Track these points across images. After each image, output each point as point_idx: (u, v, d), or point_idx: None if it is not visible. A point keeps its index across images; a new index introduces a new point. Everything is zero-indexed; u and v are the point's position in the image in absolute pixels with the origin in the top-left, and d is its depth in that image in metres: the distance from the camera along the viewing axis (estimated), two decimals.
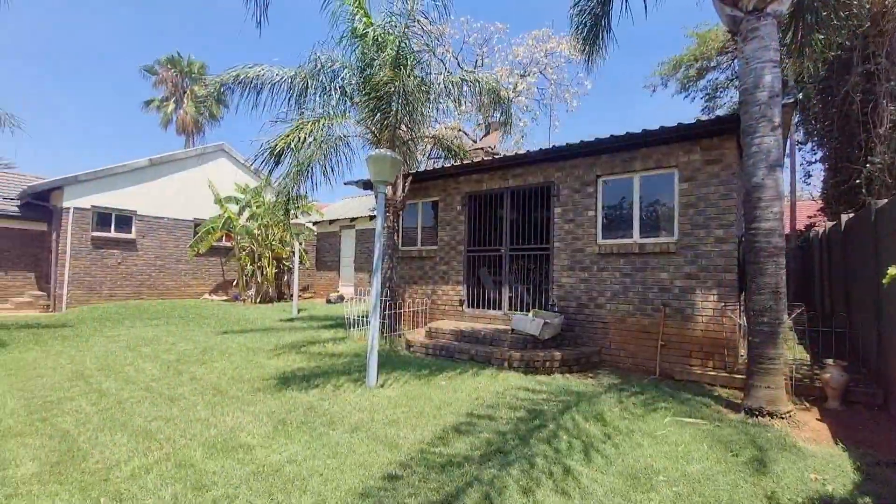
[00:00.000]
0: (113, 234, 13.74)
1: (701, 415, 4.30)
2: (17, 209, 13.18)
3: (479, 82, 8.63)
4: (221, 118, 30.65)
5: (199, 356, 6.71)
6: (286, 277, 16.78)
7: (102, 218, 13.54)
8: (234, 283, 16.32)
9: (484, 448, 3.39)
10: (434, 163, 10.37)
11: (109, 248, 13.66)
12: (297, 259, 13.20)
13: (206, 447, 3.42)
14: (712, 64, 17.11)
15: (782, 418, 4.13)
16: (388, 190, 7.42)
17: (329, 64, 7.92)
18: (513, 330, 6.70)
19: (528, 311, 7.59)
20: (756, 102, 4.43)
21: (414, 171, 8.59)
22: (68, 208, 12.68)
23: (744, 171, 4.59)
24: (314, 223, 18.50)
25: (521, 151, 8.03)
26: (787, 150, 7.61)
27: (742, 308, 5.80)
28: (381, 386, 5.14)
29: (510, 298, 7.98)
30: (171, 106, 28.94)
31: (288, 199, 8.69)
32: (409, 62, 7.09)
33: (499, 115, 9.94)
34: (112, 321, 10.58)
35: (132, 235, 14.16)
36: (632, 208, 6.60)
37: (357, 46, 7.38)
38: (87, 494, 2.75)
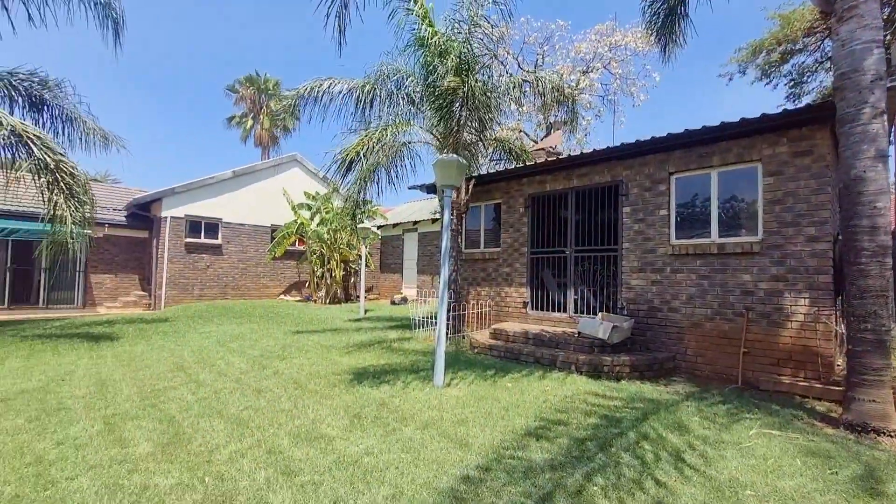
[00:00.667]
0: (202, 240, 15.14)
1: (792, 428, 3.98)
2: (124, 219, 14.93)
3: (540, 81, 8.55)
4: (294, 130, 32.68)
5: (279, 352, 7.23)
6: (353, 279, 17.56)
7: (194, 226, 14.98)
8: (307, 285, 17.31)
9: (563, 455, 3.36)
10: (495, 165, 10.39)
11: (199, 252, 15.06)
12: (363, 262, 13.77)
13: (291, 436, 3.71)
14: (797, 47, 15.63)
15: (891, 436, 3.71)
16: (453, 193, 7.56)
17: (394, 73, 8.23)
18: (579, 333, 6.56)
19: (593, 314, 7.39)
20: (855, 87, 4.03)
21: (476, 175, 8.67)
22: (166, 217, 14.17)
23: (841, 164, 4.19)
24: (378, 227, 19.17)
25: (587, 150, 7.85)
26: (893, 138, 6.79)
27: (839, 313, 5.27)
28: (448, 385, 5.26)
29: (575, 301, 7.81)
30: (250, 122, 31.32)
31: (355, 205, 9.13)
32: (471, 67, 7.20)
33: (562, 114, 9.78)
34: (203, 319, 11.65)
35: (219, 241, 15.51)
36: (709, 206, 6.22)
37: (421, 54, 7.60)
38: (194, 473, 3.09)
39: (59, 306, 13.97)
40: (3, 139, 7.08)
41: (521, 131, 18.44)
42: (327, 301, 16.06)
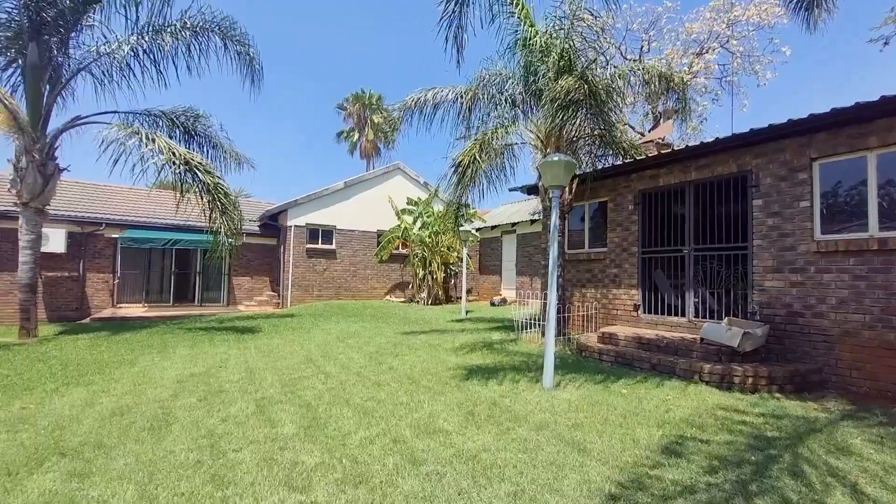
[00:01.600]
0: (320, 245, 16.71)
1: None
2: (257, 228, 17.05)
3: (648, 70, 8.04)
4: (394, 140, 34.56)
5: (392, 349, 7.72)
6: (453, 281, 18.02)
7: (313, 233, 16.60)
8: (409, 286, 18.18)
9: (704, 474, 3.11)
10: (597, 161, 9.98)
11: (317, 257, 16.64)
12: (465, 264, 14.08)
13: (412, 428, 3.96)
14: None
15: None
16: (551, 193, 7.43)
17: (495, 77, 8.34)
18: (702, 339, 6.03)
19: (716, 318, 6.73)
20: None
21: (580, 173, 8.42)
22: (290, 226, 15.91)
23: None
24: (477, 229, 19.45)
25: (707, 139, 7.18)
26: None
27: None
28: (557, 388, 5.18)
29: (695, 304, 7.19)
30: (356, 135, 33.82)
31: (458, 208, 9.39)
32: (573, 63, 7.02)
33: (672, 102, 9.08)
34: (322, 317, 12.85)
35: (333, 246, 16.99)
36: (865, 195, 5.33)
37: (522, 55, 7.59)
38: (332, 454, 3.46)
39: (210, 304, 16.40)
40: (177, 166, 8.54)
41: (625, 124, 17.42)
42: (429, 302, 16.68)
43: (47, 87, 8.67)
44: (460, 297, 18.41)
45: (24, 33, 8.30)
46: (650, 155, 7.97)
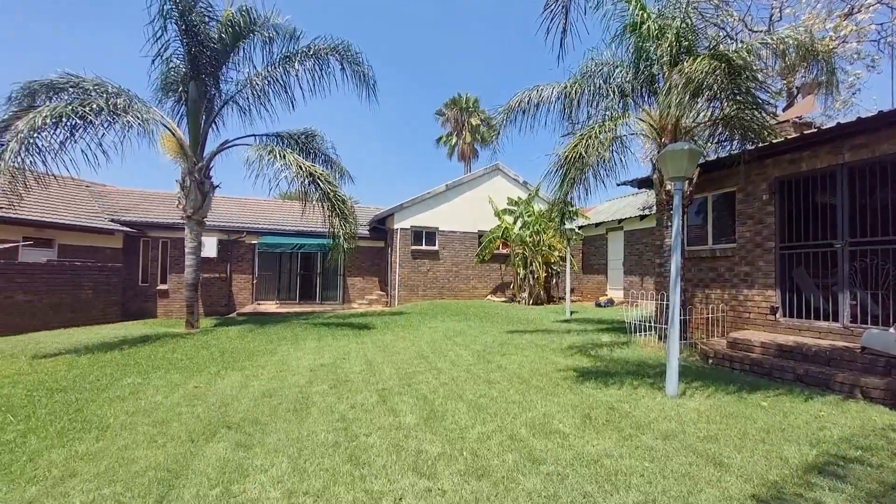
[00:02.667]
0: (424, 247, 17.45)
1: None
2: (367, 232, 18.34)
3: (781, 41, 7.07)
4: (493, 141, 34.70)
5: (498, 348, 7.80)
6: (555, 281, 17.57)
7: (417, 235, 17.40)
8: (510, 286, 18.13)
9: None
10: (720, 148, 9.01)
11: (422, 258, 17.39)
12: (568, 263, 13.67)
13: (527, 427, 3.98)
14: None
15: None
16: (673, 185, 6.88)
17: (599, 67, 7.99)
18: (864, 348, 5.15)
19: (880, 324, 5.68)
20: None
21: (701, 162, 7.69)
22: (397, 229, 16.86)
23: None
24: (579, 227, 18.74)
25: (865, 114, 6.09)
26: None
27: None
28: (682, 395, 4.81)
29: (851, 307, 6.15)
30: (454, 139, 34.64)
31: (564, 205, 9.15)
32: (692, 44, 6.45)
33: (813, 75, 7.88)
34: (429, 315, 13.40)
35: (436, 247, 17.62)
36: None
37: (632, 41, 7.18)
38: (453, 446, 3.62)
39: (328, 302, 18.04)
40: (303, 178, 9.59)
41: (760, 103, 15.44)
42: (530, 302, 16.48)
43: (203, 117, 10.30)
44: (562, 298, 17.91)
45: (187, 75, 9.97)
46: (788, 137, 6.99)
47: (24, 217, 11.44)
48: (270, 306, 16.30)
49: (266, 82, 10.65)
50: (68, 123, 7.34)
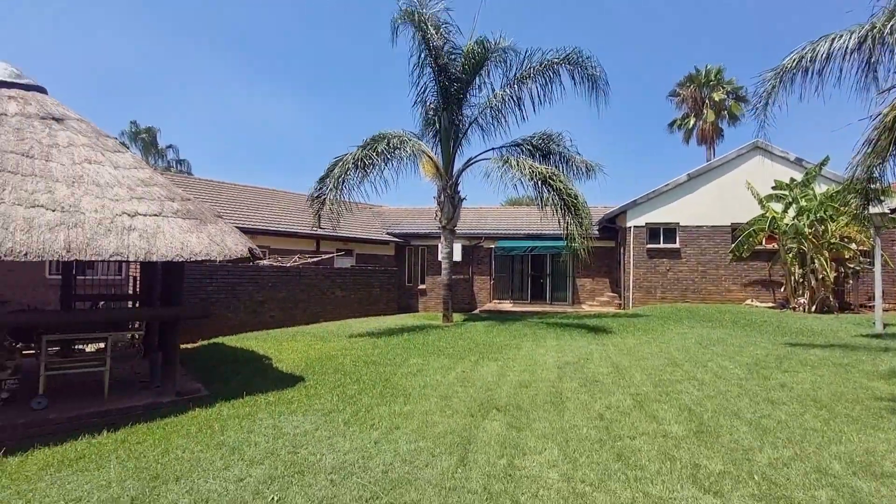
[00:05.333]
0: (661, 245, 15.92)
1: None
2: (596, 231, 17.86)
3: None
4: (742, 116, 29.08)
5: (775, 363, 6.53)
6: (850, 283, 13.48)
7: (653, 232, 16.01)
8: (781, 288, 14.78)
9: None
10: None
11: (659, 257, 15.90)
12: (878, 259, 10.31)
13: (841, 461, 3.27)
14: None
15: None
16: None
17: None
18: None
19: None
20: None
21: None
22: (629, 227, 15.89)
23: None
24: (893, 210, 13.86)
25: None
26: None
27: None
28: None
29: None
30: (692, 121, 30.43)
31: (868, 182, 7.04)
32: None
33: None
34: (671, 320, 12.16)
35: (677, 245, 15.84)
36: None
37: None
38: (738, 467, 3.27)
39: (557, 303, 18.35)
40: (536, 182, 10.15)
41: None
42: (811, 308, 13.06)
43: (452, 141, 12.00)
44: (863, 305, 13.60)
45: (440, 108, 11.82)
46: None
47: (338, 234, 15.56)
48: (506, 305, 17.61)
49: (502, 101, 11.67)
50: (362, 165, 9.74)
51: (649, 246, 15.90)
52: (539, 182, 10.28)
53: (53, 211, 4.22)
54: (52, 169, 4.58)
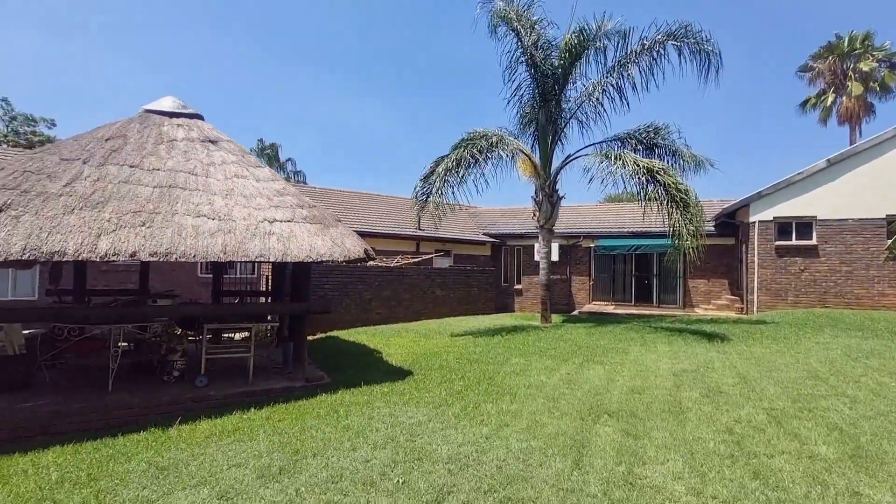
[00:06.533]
0: (793, 242, 13.98)
1: None
2: (712, 228, 16.24)
3: None
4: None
5: None
6: None
7: (782, 228, 14.12)
8: None
9: None
10: None
11: (791, 256, 13.98)
12: None
13: None
14: None
15: None
16: None
17: None
18: None
19: None
20: None
21: None
22: (753, 222, 14.20)
23: None
24: None
25: None
26: None
27: None
28: None
29: None
30: (830, 97, 26.27)
31: None
32: None
33: None
34: (807, 327, 10.64)
35: (813, 242, 13.80)
36: None
37: None
38: None
39: (665, 305, 17.02)
40: (640, 177, 9.57)
41: None
42: None
43: (550, 138, 11.77)
44: None
45: (536, 105, 11.67)
46: None
47: (437, 235, 16.10)
48: (607, 307, 16.78)
49: (602, 91, 11.17)
50: (464, 163, 9.95)
51: (778, 243, 14.06)
52: (644, 177, 9.65)
53: (213, 219, 4.99)
54: (211, 184, 5.42)
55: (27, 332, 5.51)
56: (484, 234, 18.67)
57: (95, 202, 4.57)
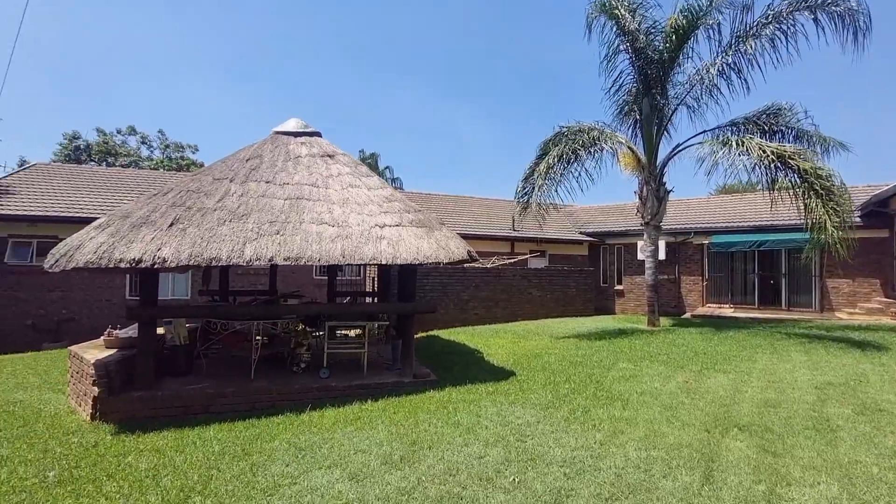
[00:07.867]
0: None
1: None
2: (858, 219, 13.90)
3: None
4: None
5: None
6: None
7: None
8: None
9: None
10: None
11: None
12: None
13: None
14: None
15: None
16: None
17: None
18: None
19: None
20: None
21: None
22: None
23: None
24: None
25: None
26: None
27: None
28: None
29: None
30: None
31: None
32: None
33: None
34: None
35: None
36: None
37: None
38: None
39: (797, 308, 14.92)
40: (767, 164, 8.54)
41: None
42: None
43: (655, 128, 11.01)
44: None
45: (639, 94, 10.99)
46: None
47: (532, 235, 15.92)
48: (725, 310, 15.18)
49: (718, 72, 10.17)
50: (564, 159, 9.73)
51: None
52: (772, 164, 8.58)
53: (333, 226, 5.50)
54: (330, 194, 5.97)
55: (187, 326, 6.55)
56: (580, 232, 18.00)
57: (241, 214, 5.30)
